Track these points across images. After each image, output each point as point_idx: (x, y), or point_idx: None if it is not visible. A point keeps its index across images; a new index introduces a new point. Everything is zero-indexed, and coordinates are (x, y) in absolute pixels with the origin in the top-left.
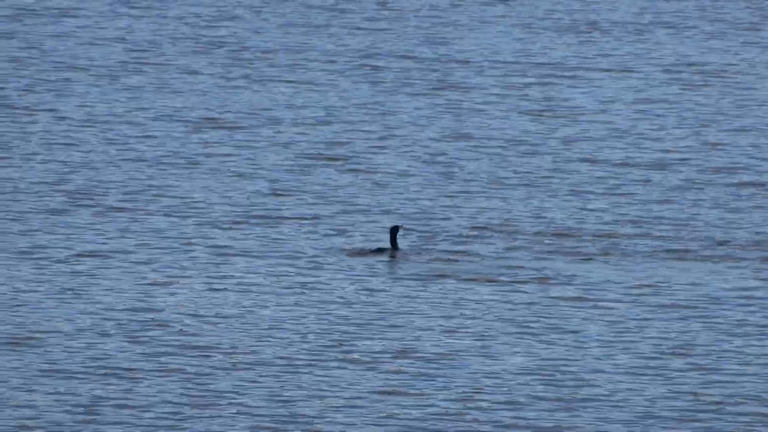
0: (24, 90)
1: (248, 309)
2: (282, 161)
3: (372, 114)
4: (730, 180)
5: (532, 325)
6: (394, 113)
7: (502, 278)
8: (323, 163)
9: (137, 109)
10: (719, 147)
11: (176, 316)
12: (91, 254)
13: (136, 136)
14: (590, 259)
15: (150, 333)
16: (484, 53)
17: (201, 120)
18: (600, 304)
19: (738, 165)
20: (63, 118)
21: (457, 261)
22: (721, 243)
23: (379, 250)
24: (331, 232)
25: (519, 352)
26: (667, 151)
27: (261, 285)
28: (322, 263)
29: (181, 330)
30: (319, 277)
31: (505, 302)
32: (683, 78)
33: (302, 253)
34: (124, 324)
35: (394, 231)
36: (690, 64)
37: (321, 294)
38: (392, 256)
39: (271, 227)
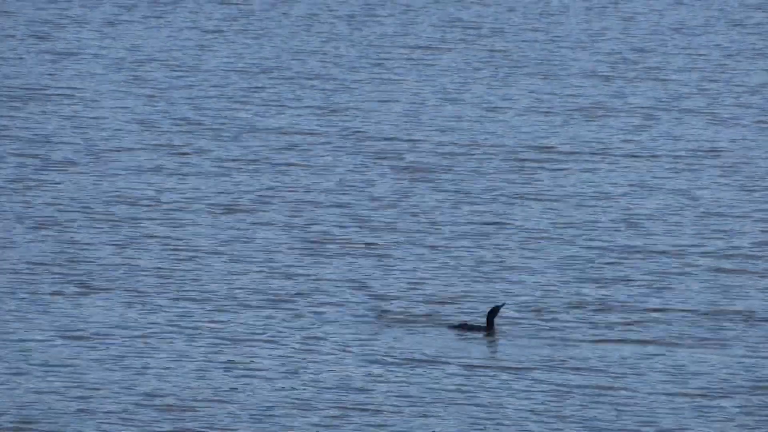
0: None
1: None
2: (295, 245)
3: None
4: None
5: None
6: (409, 196)
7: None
8: (338, 246)
9: (157, 191)
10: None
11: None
12: (97, 334)
13: (149, 218)
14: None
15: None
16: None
17: (213, 205)
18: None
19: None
20: (75, 198)
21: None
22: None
23: (465, 326)
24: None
25: None
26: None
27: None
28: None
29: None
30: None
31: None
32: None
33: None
34: (120, 403)
35: (494, 310)
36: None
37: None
38: (488, 335)
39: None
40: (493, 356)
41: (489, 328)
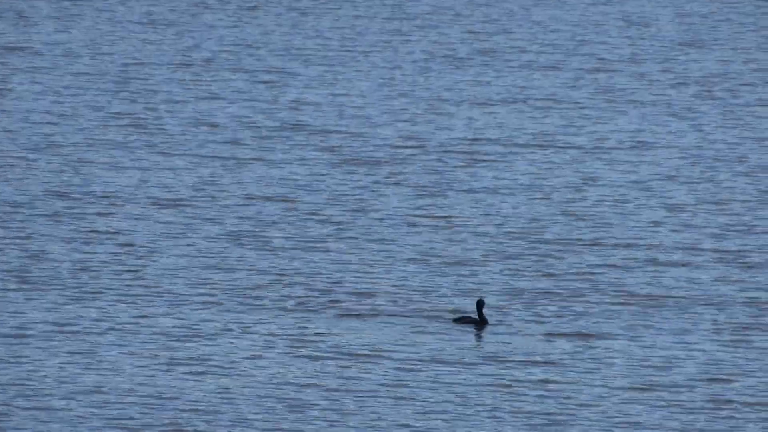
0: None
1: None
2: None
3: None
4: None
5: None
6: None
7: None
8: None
9: (103, 186)
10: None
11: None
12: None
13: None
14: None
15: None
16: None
17: (158, 199)
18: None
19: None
20: (21, 193)
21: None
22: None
23: (464, 319)
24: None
25: None
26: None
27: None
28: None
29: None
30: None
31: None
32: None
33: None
34: (63, 399)
35: (480, 304)
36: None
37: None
38: (479, 329)
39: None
40: (439, 350)
41: (481, 320)
